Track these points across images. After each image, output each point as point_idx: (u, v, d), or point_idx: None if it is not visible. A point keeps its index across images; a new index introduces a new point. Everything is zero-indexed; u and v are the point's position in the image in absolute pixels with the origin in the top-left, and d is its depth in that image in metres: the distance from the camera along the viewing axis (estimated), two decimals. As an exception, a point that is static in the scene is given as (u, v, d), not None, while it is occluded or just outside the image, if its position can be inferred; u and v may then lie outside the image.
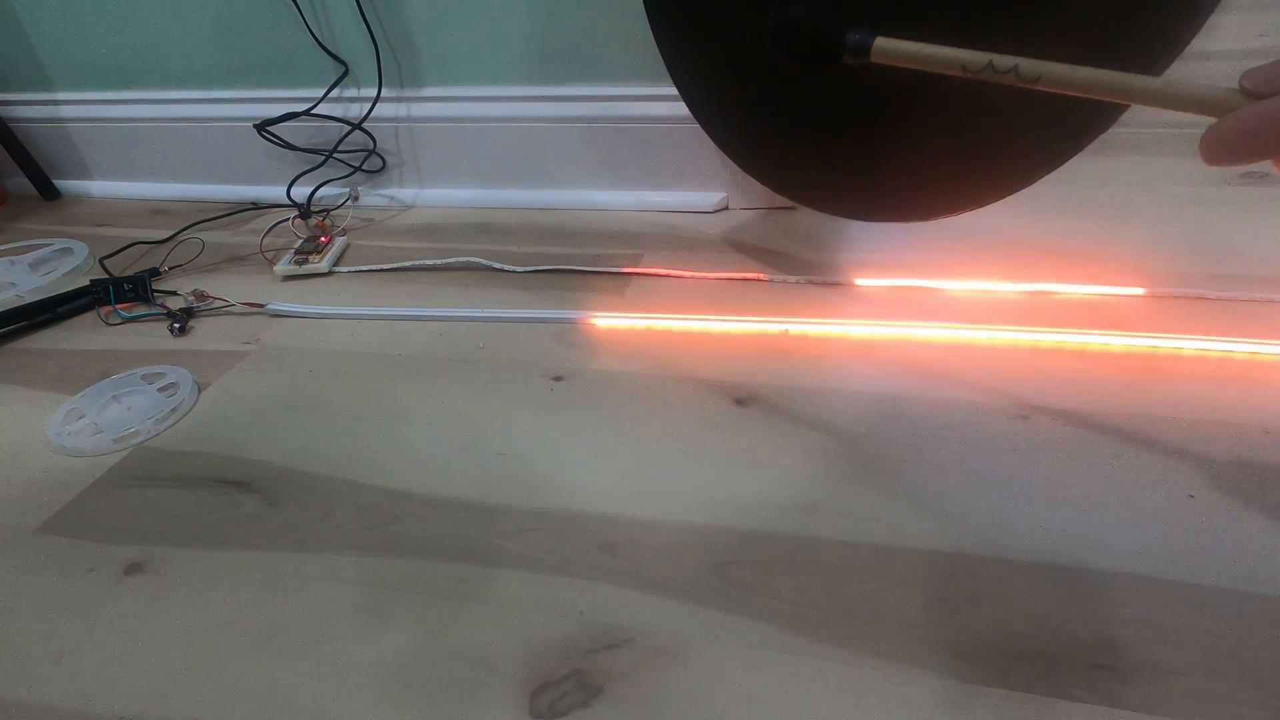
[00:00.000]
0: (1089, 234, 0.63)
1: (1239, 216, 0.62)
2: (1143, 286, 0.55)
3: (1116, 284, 0.55)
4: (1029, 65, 0.29)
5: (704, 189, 0.74)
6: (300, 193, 0.78)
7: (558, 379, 0.51)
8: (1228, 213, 0.63)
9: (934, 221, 0.57)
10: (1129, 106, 0.45)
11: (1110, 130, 0.46)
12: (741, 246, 0.67)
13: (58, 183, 0.93)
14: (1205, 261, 0.57)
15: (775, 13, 0.38)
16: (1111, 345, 0.49)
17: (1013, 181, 0.51)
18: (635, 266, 0.64)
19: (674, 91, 0.61)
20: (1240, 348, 0.48)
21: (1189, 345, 0.49)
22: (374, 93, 0.76)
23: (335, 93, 0.78)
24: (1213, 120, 0.26)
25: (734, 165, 0.66)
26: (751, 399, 0.48)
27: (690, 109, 0.62)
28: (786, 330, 0.54)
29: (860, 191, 0.57)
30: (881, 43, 0.34)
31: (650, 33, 0.59)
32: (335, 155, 0.79)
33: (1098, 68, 0.28)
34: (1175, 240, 0.60)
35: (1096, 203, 0.67)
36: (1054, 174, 0.49)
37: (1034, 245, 0.62)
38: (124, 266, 0.71)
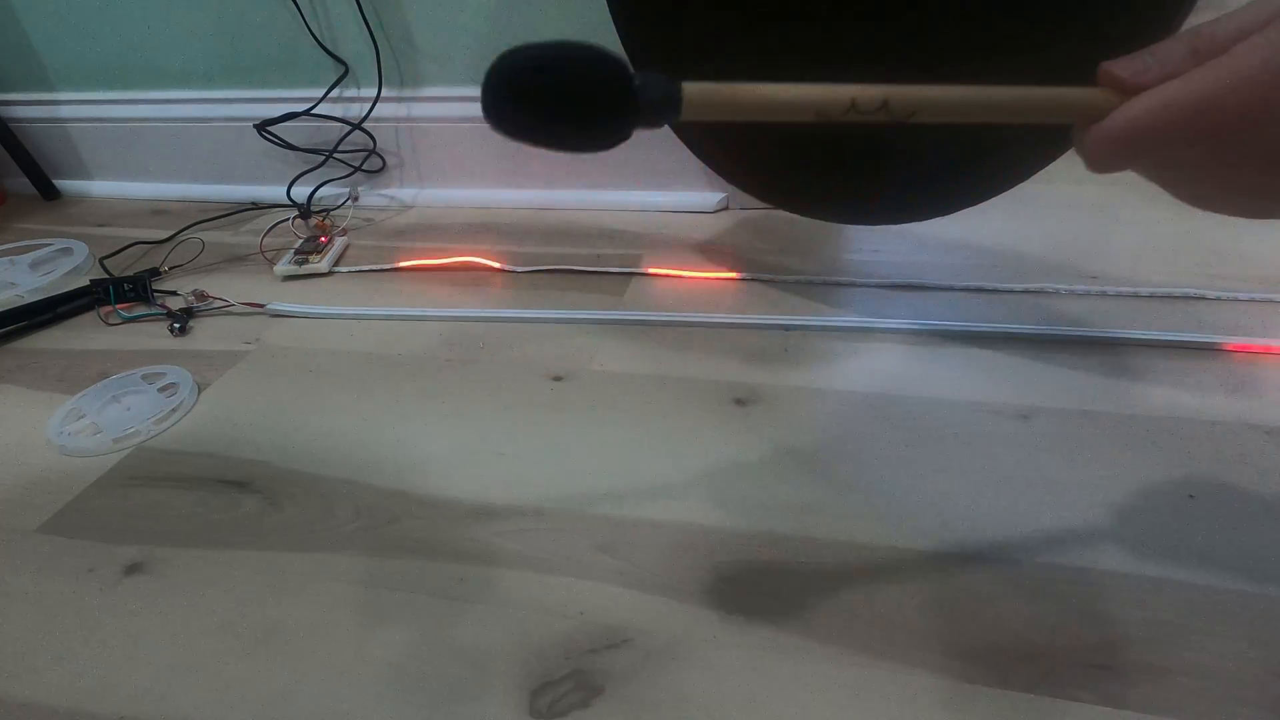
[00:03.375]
0: (1088, 233, 0.63)
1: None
2: (1142, 286, 0.55)
3: (1115, 284, 0.55)
4: (901, 97, 0.23)
5: (704, 189, 0.74)
6: (300, 193, 0.78)
7: (558, 379, 0.51)
8: (1228, 213, 0.63)
9: (933, 223, 0.57)
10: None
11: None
12: (741, 246, 0.67)
13: (58, 183, 0.93)
14: (1205, 261, 0.57)
15: (501, 64, 0.22)
16: (1112, 345, 0.49)
17: (1008, 178, 0.51)
18: (635, 266, 0.64)
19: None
20: (1240, 347, 0.48)
21: (1189, 345, 0.49)
22: (374, 93, 0.76)
23: (335, 93, 0.78)
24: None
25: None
26: (751, 399, 0.48)
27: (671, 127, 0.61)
28: (786, 330, 0.54)
29: (854, 197, 0.57)
30: (693, 89, 0.23)
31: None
32: (335, 155, 0.79)
33: (968, 88, 0.24)
34: (1175, 240, 0.60)
35: (1096, 202, 0.68)
36: (1053, 174, 0.49)
37: (1033, 245, 0.62)
38: (124, 266, 0.71)
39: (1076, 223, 0.65)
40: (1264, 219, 0.25)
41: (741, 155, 0.59)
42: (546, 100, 0.23)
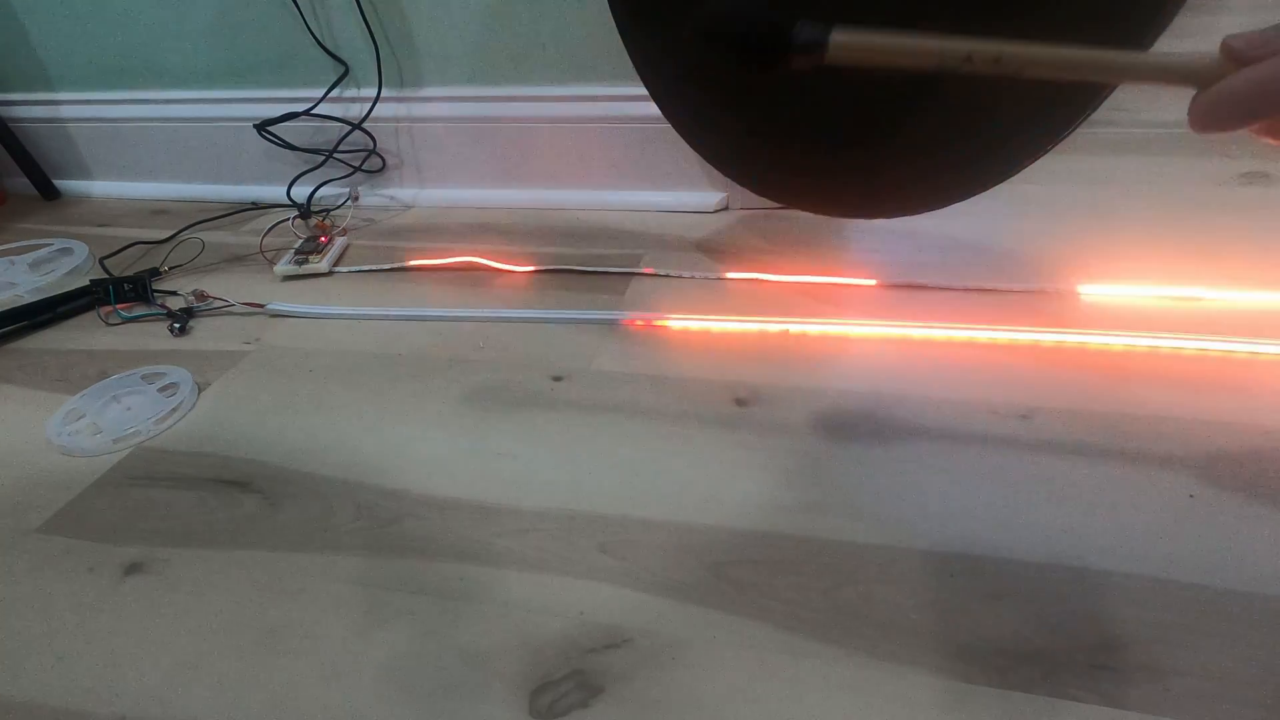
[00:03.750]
0: (1088, 233, 0.63)
1: (1239, 216, 0.62)
2: (1141, 286, 0.55)
3: (1115, 283, 0.55)
4: (1012, 51, 0.26)
5: (704, 189, 0.74)
6: (300, 193, 0.78)
7: (558, 379, 0.51)
8: (1228, 213, 0.63)
9: (933, 223, 0.57)
10: (1111, 91, 0.45)
11: (1108, 129, 0.46)
12: (741, 246, 0.67)
13: (58, 183, 0.93)
14: (1204, 261, 0.57)
15: (704, 7, 0.31)
16: (1111, 345, 0.49)
17: (1002, 169, 0.50)
18: (635, 266, 0.64)
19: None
20: (1240, 348, 0.48)
21: (1189, 345, 0.49)
22: (374, 93, 0.76)
23: (335, 93, 0.78)
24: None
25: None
26: (751, 399, 0.48)
27: (668, 118, 0.61)
28: (786, 330, 0.54)
29: (851, 192, 0.57)
30: (840, 36, 0.28)
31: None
32: (335, 155, 0.79)
33: (1079, 48, 0.26)
34: (1174, 240, 0.60)
35: (1095, 202, 0.67)
36: (1053, 174, 0.49)
37: (1033, 245, 0.62)
38: (124, 266, 0.71)
39: (1075, 223, 0.65)
40: None
41: (744, 150, 0.59)
42: (731, 39, 0.30)
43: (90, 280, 0.65)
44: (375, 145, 0.79)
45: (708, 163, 0.65)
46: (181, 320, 0.61)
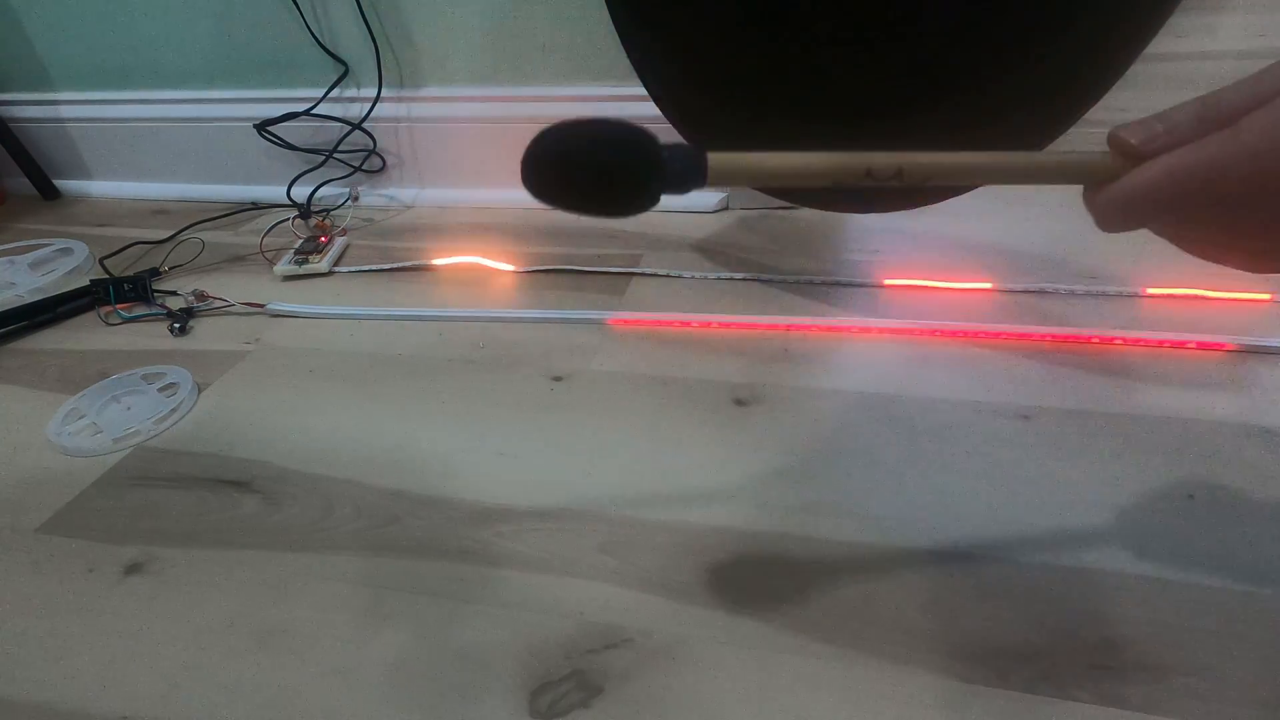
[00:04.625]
0: (1088, 233, 0.63)
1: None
2: (1142, 286, 0.55)
3: (1115, 283, 0.55)
4: (911, 163, 0.25)
5: (704, 189, 0.74)
6: (300, 193, 0.78)
7: (558, 379, 0.51)
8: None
9: (933, 222, 0.57)
10: (1108, 89, 0.45)
11: (1108, 129, 0.47)
12: (741, 246, 0.67)
13: (58, 183, 0.93)
14: (1204, 261, 0.57)
15: (539, 146, 0.26)
16: (1112, 345, 0.49)
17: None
18: (635, 266, 0.64)
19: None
20: (1240, 348, 0.48)
21: (1189, 345, 0.49)
22: (374, 93, 0.76)
23: (335, 93, 0.78)
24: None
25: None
26: (751, 399, 0.48)
27: (668, 118, 0.61)
28: (787, 330, 0.54)
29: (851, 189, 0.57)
30: (717, 159, 0.25)
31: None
32: (335, 155, 0.79)
33: (977, 154, 0.26)
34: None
35: (1096, 203, 0.67)
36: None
37: (1033, 245, 0.62)
38: (124, 266, 0.71)
39: (1076, 222, 0.64)
40: (1267, 274, 0.27)
41: (743, 145, 0.59)
42: (580, 182, 0.25)
43: (90, 280, 0.65)
44: (375, 145, 0.79)
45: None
46: (181, 320, 0.61)
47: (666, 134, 0.64)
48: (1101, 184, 0.24)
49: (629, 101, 0.70)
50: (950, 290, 0.57)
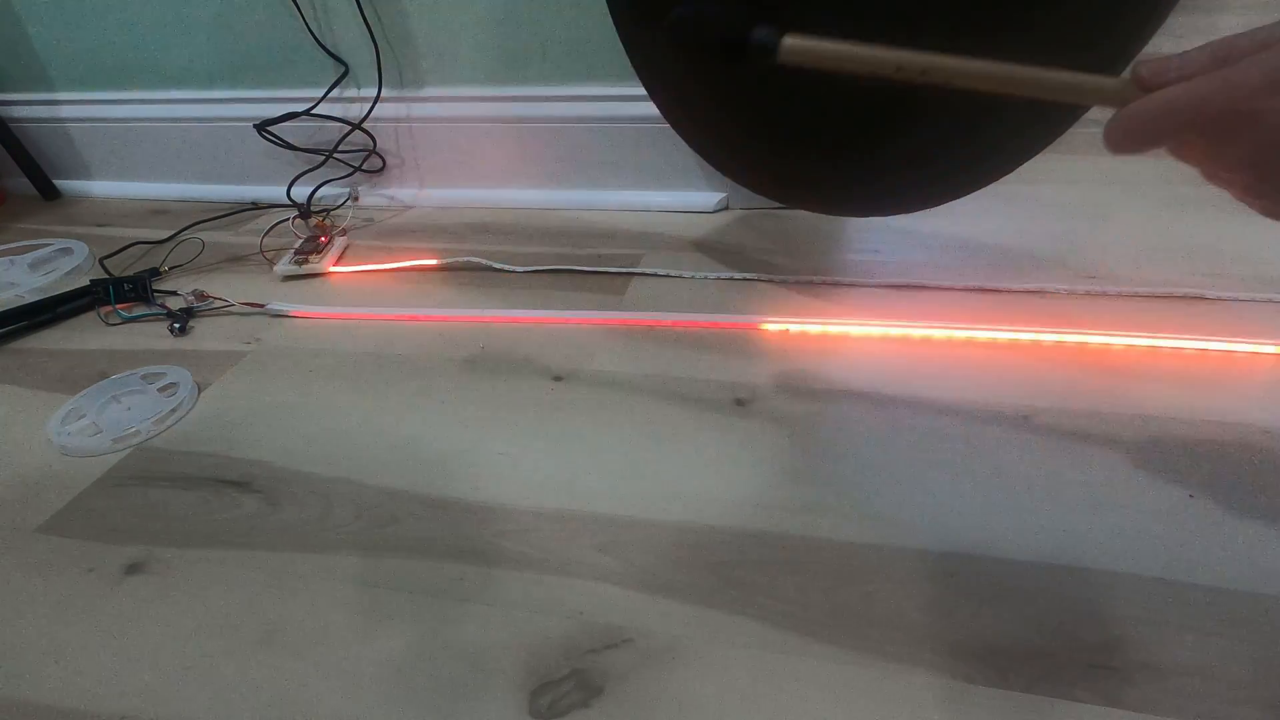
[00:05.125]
0: (1088, 233, 0.63)
1: (1237, 217, 0.62)
2: (1142, 286, 0.55)
3: (1115, 284, 0.55)
4: (938, 65, 0.28)
5: (704, 189, 0.74)
6: (300, 193, 0.77)
7: (558, 379, 0.51)
8: (1227, 213, 0.63)
9: (933, 222, 0.57)
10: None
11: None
12: (741, 246, 0.67)
13: (58, 183, 0.93)
14: (1205, 261, 0.57)
15: (677, 9, 0.34)
16: (1112, 345, 0.49)
17: (1002, 167, 0.50)
18: (635, 266, 0.64)
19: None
20: (1240, 348, 0.48)
21: (1189, 345, 0.49)
22: (374, 93, 0.76)
23: (335, 93, 0.78)
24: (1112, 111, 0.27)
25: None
26: (751, 399, 0.48)
27: (667, 119, 0.61)
28: (786, 330, 0.54)
29: (850, 192, 0.57)
30: (791, 42, 0.31)
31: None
32: (335, 155, 0.79)
33: (1001, 63, 0.28)
34: (1175, 240, 0.60)
35: (1095, 202, 0.68)
36: (1053, 174, 0.49)
37: (1033, 245, 0.62)
38: (124, 266, 0.71)
39: (1076, 223, 0.65)
40: (1271, 217, 0.28)
41: (743, 148, 0.59)
42: (696, 38, 0.35)
43: (90, 280, 0.65)
44: (375, 145, 0.79)
45: (707, 163, 0.65)
46: (181, 320, 0.61)
47: (667, 134, 0.63)
48: (1119, 107, 0.27)
49: (629, 101, 0.70)
50: (950, 290, 0.57)
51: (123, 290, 0.64)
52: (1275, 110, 0.24)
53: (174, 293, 0.65)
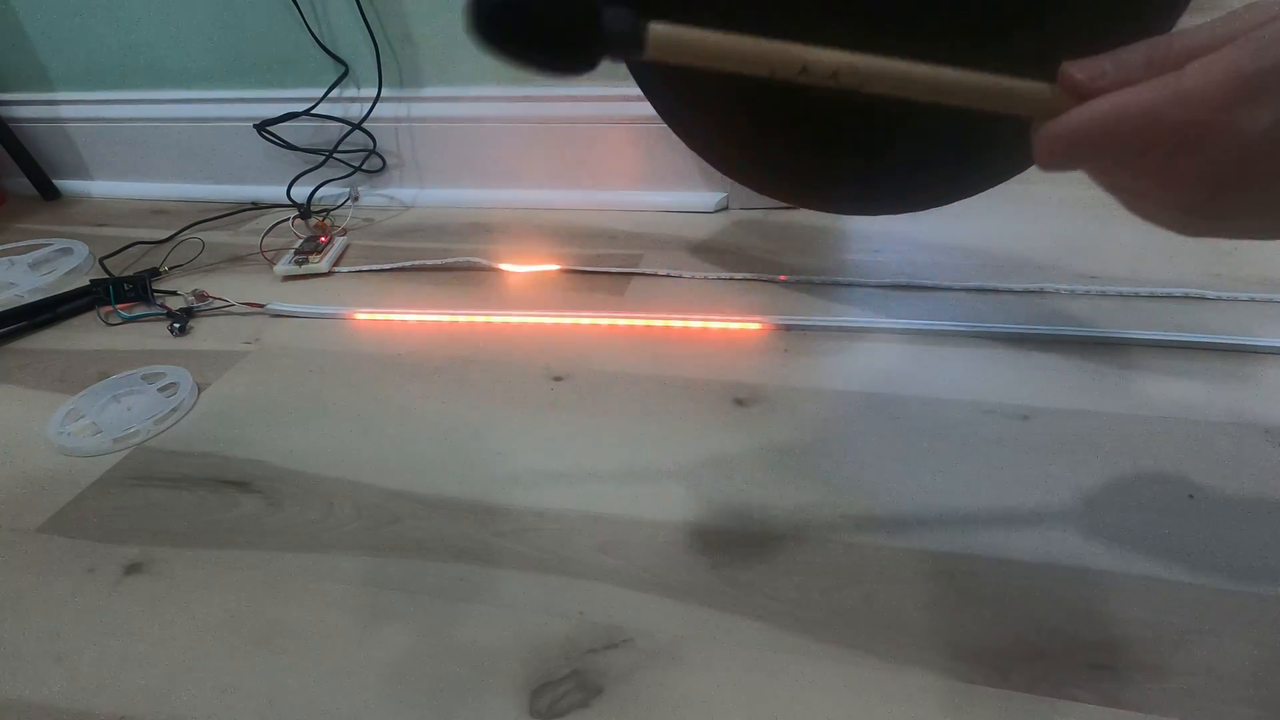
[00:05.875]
0: (1088, 233, 0.63)
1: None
2: (1142, 286, 0.55)
3: (1115, 284, 0.55)
4: (849, 65, 0.24)
5: (704, 189, 0.74)
6: (300, 193, 0.78)
7: (558, 379, 0.51)
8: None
9: (933, 222, 0.57)
10: None
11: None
12: (741, 246, 0.67)
13: (58, 183, 0.93)
14: (1205, 261, 0.57)
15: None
16: (1110, 345, 0.49)
17: (1008, 167, 0.50)
18: (635, 266, 0.64)
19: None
20: (1241, 347, 0.48)
21: (1189, 345, 0.49)
22: (374, 93, 0.76)
23: (335, 93, 0.78)
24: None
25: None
26: (751, 399, 0.48)
27: (664, 118, 0.61)
28: (787, 330, 0.54)
29: (858, 188, 0.57)
30: (661, 29, 0.24)
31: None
32: (335, 155, 0.79)
33: (921, 65, 0.24)
34: (1175, 240, 0.60)
35: (1096, 202, 0.67)
36: (1053, 174, 0.49)
37: (1033, 245, 0.62)
38: (124, 266, 0.71)
39: (1076, 223, 0.65)
40: (1193, 236, 0.25)
41: (744, 145, 0.59)
42: (519, 32, 0.24)
43: (90, 280, 0.65)
44: (375, 145, 0.79)
45: (704, 160, 0.65)
46: (181, 320, 0.61)
47: (667, 134, 0.63)
48: (1046, 119, 0.24)
49: (629, 101, 0.70)
50: (949, 290, 0.57)
51: (123, 290, 0.64)
52: (1238, 122, 0.21)
53: (174, 293, 0.65)
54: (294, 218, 0.73)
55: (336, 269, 0.68)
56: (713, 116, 0.58)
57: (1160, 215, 0.25)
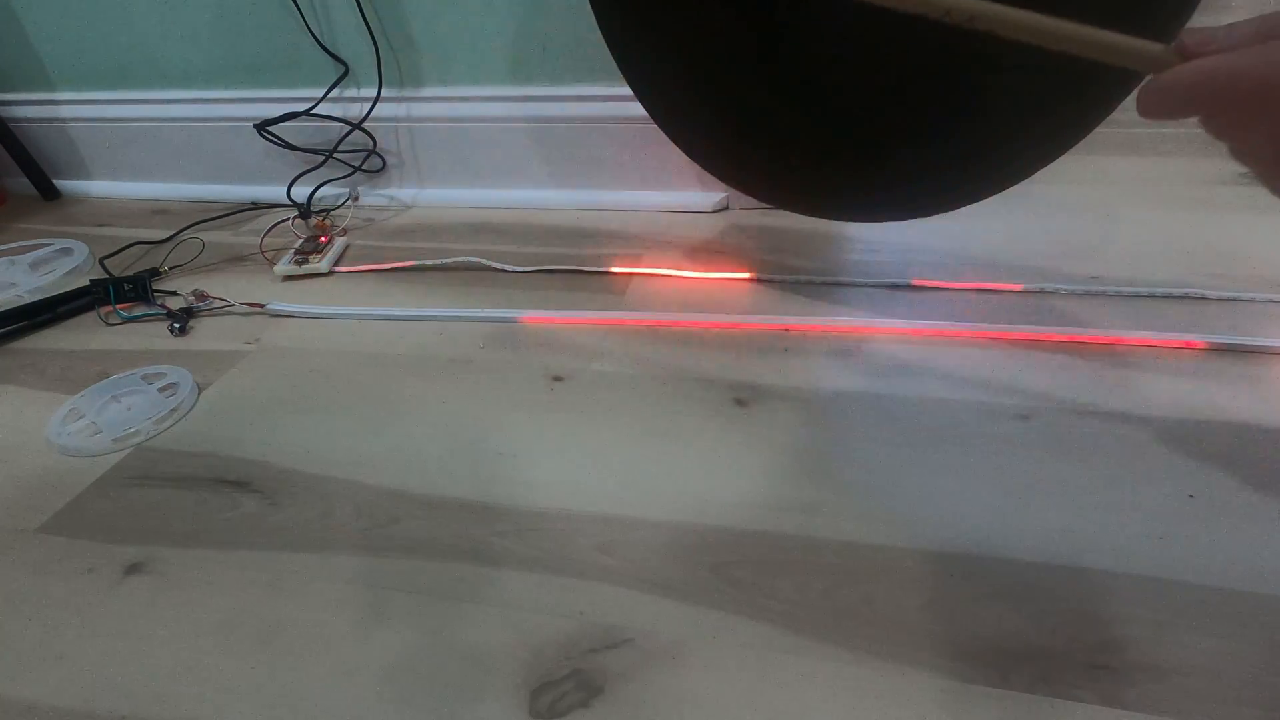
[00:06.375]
0: (1088, 233, 0.63)
1: (1238, 216, 0.62)
2: (1142, 286, 0.55)
3: (1115, 284, 0.55)
4: (986, 12, 0.28)
5: (704, 189, 0.74)
6: (300, 193, 0.78)
7: (558, 379, 0.51)
8: (1227, 213, 0.63)
9: (933, 223, 0.57)
10: (1125, 97, 0.45)
11: (1107, 130, 0.46)
12: (741, 246, 0.67)
13: (58, 183, 0.93)
14: (1205, 261, 0.57)
15: None
16: (1112, 345, 0.49)
17: (1015, 175, 0.50)
18: (635, 266, 0.64)
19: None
20: (1241, 347, 0.48)
21: (1189, 345, 0.49)
22: (374, 93, 0.76)
23: (335, 93, 0.78)
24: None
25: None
26: (751, 399, 0.48)
27: (657, 122, 0.61)
28: (786, 330, 0.54)
29: (859, 195, 0.57)
30: None
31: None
32: (335, 155, 0.79)
33: (1048, 17, 0.28)
34: (1175, 240, 0.60)
35: (1096, 202, 0.68)
36: (1052, 174, 0.49)
37: (1033, 245, 0.62)
38: (124, 266, 0.71)
39: (1076, 223, 0.65)
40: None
41: (740, 155, 0.59)
42: None
43: (90, 280, 0.65)
44: (375, 145, 0.79)
45: (705, 169, 0.65)
46: (181, 320, 0.61)
47: (664, 134, 0.63)
48: (1156, 72, 0.27)
49: (629, 101, 0.70)
50: (950, 290, 0.57)
51: (123, 290, 0.64)
52: None
53: (174, 293, 0.65)
54: (294, 218, 0.73)
55: (336, 269, 0.68)
56: (711, 139, 0.58)
57: (1256, 168, 0.28)
